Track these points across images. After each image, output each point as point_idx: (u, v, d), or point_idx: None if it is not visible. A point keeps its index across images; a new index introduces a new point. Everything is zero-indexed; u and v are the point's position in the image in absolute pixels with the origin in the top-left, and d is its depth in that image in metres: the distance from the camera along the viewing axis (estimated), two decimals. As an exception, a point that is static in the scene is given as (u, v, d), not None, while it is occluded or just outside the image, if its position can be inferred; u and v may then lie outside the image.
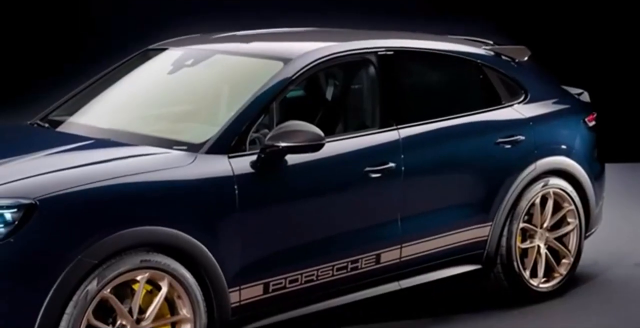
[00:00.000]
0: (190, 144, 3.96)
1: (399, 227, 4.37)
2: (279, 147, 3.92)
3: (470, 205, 4.63)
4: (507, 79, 4.93)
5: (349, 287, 4.26)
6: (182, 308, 3.76)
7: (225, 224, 3.84)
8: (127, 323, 3.63)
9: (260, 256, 3.96)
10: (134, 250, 3.61)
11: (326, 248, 4.15)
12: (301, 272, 4.07)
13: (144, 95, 4.59)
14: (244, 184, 3.89)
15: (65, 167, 3.72)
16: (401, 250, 4.39)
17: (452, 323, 4.64)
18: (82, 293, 3.48)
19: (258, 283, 3.95)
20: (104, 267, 3.54)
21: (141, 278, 3.65)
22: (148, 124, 4.32)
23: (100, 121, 4.36)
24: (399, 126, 4.41)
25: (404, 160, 4.35)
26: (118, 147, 4.00)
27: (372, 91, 4.46)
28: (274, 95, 4.11)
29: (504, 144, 4.74)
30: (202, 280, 3.79)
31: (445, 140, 4.56)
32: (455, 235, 4.58)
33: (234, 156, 3.93)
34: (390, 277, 4.39)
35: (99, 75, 4.74)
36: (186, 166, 3.83)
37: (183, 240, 3.71)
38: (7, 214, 3.43)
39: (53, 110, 4.62)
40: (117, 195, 3.63)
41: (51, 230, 3.46)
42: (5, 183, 3.59)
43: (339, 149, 4.20)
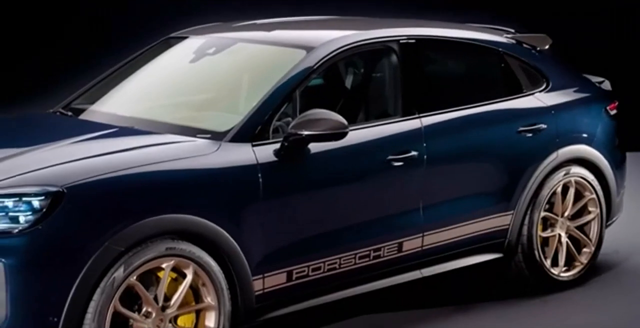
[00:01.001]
0: (214, 132, 3.99)
1: (421, 216, 4.40)
2: (302, 135, 3.95)
3: (492, 193, 4.65)
4: (529, 67, 4.94)
5: (371, 275, 4.30)
6: (206, 295, 3.80)
7: (249, 212, 3.88)
8: (153, 310, 3.67)
9: (284, 244, 4.00)
10: (160, 238, 3.65)
11: (349, 236, 4.19)
12: (324, 260, 4.11)
13: (166, 84, 4.62)
14: (267, 172, 3.92)
15: (92, 155, 3.76)
16: (423, 239, 4.43)
17: (473, 312, 4.67)
18: (109, 280, 3.53)
19: (281, 271, 3.99)
20: (130, 254, 3.58)
21: (166, 265, 3.69)
22: (171, 112, 4.35)
23: (123, 109, 4.39)
24: (421, 114, 4.44)
25: (426, 148, 4.38)
26: (142, 135, 4.04)
27: (394, 79, 4.47)
28: (296, 84, 4.13)
29: (525, 132, 4.76)
30: (227, 268, 3.84)
31: (467, 128, 4.58)
32: (477, 224, 4.61)
33: (258, 144, 3.96)
34: (412, 265, 4.43)
35: (121, 64, 4.77)
36: (210, 154, 3.86)
37: (208, 228, 3.75)
38: (35, 202, 3.47)
39: (75, 98, 4.65)
40: (143, 183, 3.67)
41: (78, 218, 3.50)
42: (33, 171, 3.63)
43: (362, 137, 4.23)
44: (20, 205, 3.46)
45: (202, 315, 3.82)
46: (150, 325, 3.65)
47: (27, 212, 3.45)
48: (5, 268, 3.35)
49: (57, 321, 3.41)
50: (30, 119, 4.62)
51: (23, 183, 3.55)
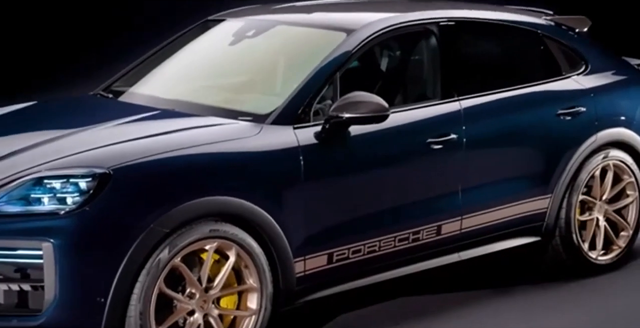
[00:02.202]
0: (256, 115, 4.03)
1: (459, 199, 4.43)
2: (342, 118, 3.98)
3: (530, 177, 4.67)
4: (568, 49, 4.95)
5: (410, 258, 4.34)
6: (248, 277, 3.86)
7: (291, 195, 3.92)
8: (196, 291, 3.73)
9: (325, 226, 4.04)
10: (203, 220, 3.70)
11: (389, 219, 4.22)
12: (364, 243, 4.15)
13: (206, 66, 4.66)
14: (309, 155, 3.96)
15: (136, 137, 3.82)
16: (462, 222, 4.45)
17: (510, 295, 4.70)
18: (154, 261, 3.58)
19: (322, 253, 4.04)
20: (174, 236, 3.63)
21: (210, 247, 3.74)
22: (211, 95, 4.39)
23: (163, 91, 4.44)
24: (460, 97, 4.46)
25: (465, 131, 4.40)
26: (184, 118, 4.09)
27: (432, 62, 4.49)
28: (337, 66, 4.16)
29: (564, 115, 4.77)
30: (268, 250, 3.88)
31: (506, 111, 4.60)
32: (515, 207, 4.63)
33: (299, 127, 4.00)
34: (450, 248, 4.46)
35: (159, 47, 4.81)
36: (253, 137, 3.91)
37: (250, 210, 3.80)
38: (82, 183, 3.53)
39: (115, 80, 4.70)
40: (187, 166, 3.72)
41: (124, 200, 3.56)
42: (79, 152, 3.69)
43: (401, 120, 4.25)
44: (68, 187, 3.53)
45: (244, 297, 3.87)
46: (194, 306, 3.71)
47: (74, 193, 3.52)
48: (54, 248, 3.41)
49: (104, 301, 3.48)
50: (73, 102, 4.69)
51: (70, 164, 3.61)
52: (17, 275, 3.47)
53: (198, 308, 3.72)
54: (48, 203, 3.51)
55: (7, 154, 3.77)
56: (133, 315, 3.53)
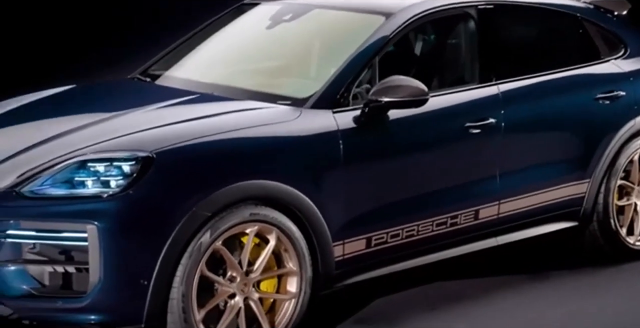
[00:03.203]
0: (295, 99, 4.07)
1: (497, 183, 4.45)
2: (382, 102, 4.01)
3: (568, 161, 4.69)
4: (607, 32, 4.95)
5: (448, 242, 4.37)
6: (288, 261, 3.90)
7: (330, 179, 3.96)
8: (237, 274, 3.78)
9: (363, 211, 4.08)
10: (244, 204, 3.75)
11: (427, 203, 4.26)
12: (402, 227, 4.19)
13: (242, 50, 4.71)
14: (348, 139, 3.99)
15: (177, 120, 3.87)
16: (499, 206, 4.48)
17: (547, 280, 4.73)
18: (196, 244, 3.63)
19: (361, 237, 4.08)
20: (216, 219, 3.68)
21: (250, 231, 3.79)
22: (249, 79, 4.44)
23: (201, 75, 4.48)
24: (498, 81, 4.48)
25: (503, 115, 4.42)
26: (223, 102, 4.14)
27: (471, 46, 4.50)
28: (376, 50, 4.18)
29: (603, 99, 4.77)
30: (308, 234, 3.93)
31: (545, 95, 4.61)
32: (553, 192, 4.65)
33: (338, 111, 4.03)
34: (487, 233, 4.49)
35: (195, 30, 4.85)
36: (292, 121, 3.95)
37: (290, 194, 3.84)
38: (126, 166, 3.59)
39: (152, 64, 4.75)
40: (228, 149, 3.76)
41: (167, 183, 3.60)
42: (122, 136, 3.75)
43: (440, 104, 4.27)
44: (111, 170, 3.58)
45: (284, 280, 3.93)
46: (235, 289, 3.77)
47: (118, 176, 3.58)
48: (98, 231, 3.47)
49: (147, 284, 3.53)
50: (112, 85, 4.75)
51: (113, 148, 3.67)
52: (61, 257, 3.55)
53: (239, 292, 3.77)
54: (92, 187, 3.57)
55: (50, 137, 3.84)
56: (175, 298, 3.59)
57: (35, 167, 3.66)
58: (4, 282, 3.53)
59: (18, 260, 3.54)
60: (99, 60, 8.07)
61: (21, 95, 4.45)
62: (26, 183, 3.60)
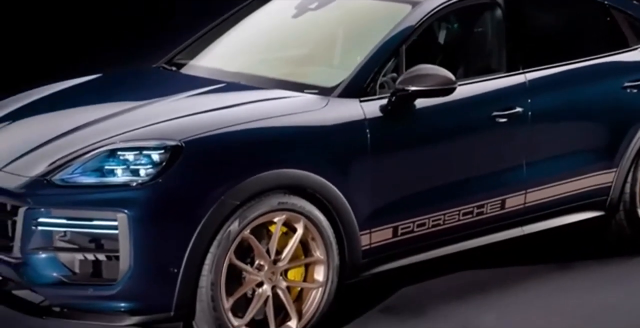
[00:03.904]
0: (322, 88, 4.11)
1: (524, 173, 4.48)
2: (409, 90, 4.05)
3: (595, 150, 4.71)
4: (634, 20, 4.95)
5: (474, 231, 4.41)
6: (315, 250, 3.95)
7: (358, 168, 4.00)
8: (265, 263, 3.84)
9: (390, 200, 4.12)
10: (272, 193, 3.79)
11: (453, 192, 4.30)
12: (429, 216, 4.23)
13: (268, 39, 4.75)
14: (375, 128, 4.03)
15: (205, 109, 3.92)
16: (526, 196, 4.51)
17: (573, 270, 4.76)
18: (225, 233, 3.68)
19: (388, 226, 4.12)
20: (244, 208, 3.72)
21: (278, 219, 3.84)
22: (275, 68, 4.47)
23: (226, 64, 4.52)
24: (525, 70, 4.50)
25: (530, 104, 4.44)
26: (251, 91, 4.18)
27: (498, 34, 4.52)
28: (403, 39, 4.21)
29: (630, 88, 4.78)
30: (335, 223, 3.97)
31: (572, 84, 4.64)
32: (580, 181, 4.68)
33: (365, 100, 4.07)
34: (514, 222, 4.52)
35: (221, 19, 4.88)
36: (320, 109, 3.99)
37: (318, 183, 3.88)
38: (155, 155, 3.64)
39: (177, 53, 4.79)
40: (256, 138, 3.81)
41: (196, 172, 3.66)
42: (151, 125, 3.80)
43: (467, 92, 4.30)
44: (141, 159, 3.64)
45: (311, 269, 3.98)
46: (263, 277, 3.82)
47: (147, 165, 3.63)
48: (128, 219, 3.52)
49: (177, 272, 3.59)
50: (138, 74, 4.78)
51: (143, 137, 3.72)
52: (92, 245, 3.61)
53: (266, 280, 3.83)
54: (121, 175, 3.63)
55: (80, 125, 3.90)
56: (204, 286, 3.64)
57: (65, 156, 3.72)
58: (35, 270, 3.59)
59: (49, 247, 3.61)
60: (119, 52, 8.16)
61: (48, 84, 4.50)
62: (57, 171, 3.67)
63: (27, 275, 3.61)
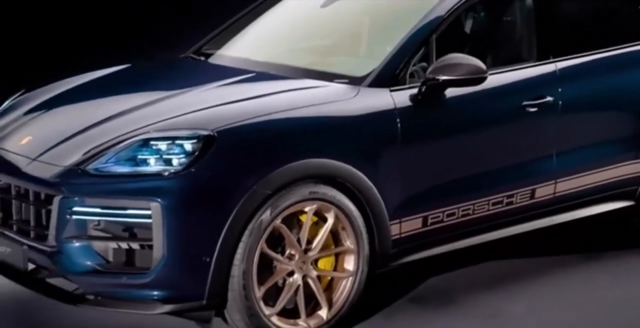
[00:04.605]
0: (352, 77, 4.16)
1: (554, 162, 4.52)
2: (439, 80, 4.09)
3: (626, 140, 4.73)
4: (666, 9, 5.00)
5: (503, 221, 4.45)
6: (346, 239, 4.01)
7: (388, 157, 4.05)
8: (296, 252, 3.90)
9: (420, 189, 4.17)
10: (303, 182, 3.85)
11: (483, 182, 4.34)
12: (458, 206, 4.28)
13: (296, 28, 4.81)
14: (405, 117, 4.08)
15: (237, 99, 3.98)
16: (555, 186, 4.55)
17: (602, 260, 4.80)
18: (257, 222, 3.75)
19: (417, 216, 4.17)
20: (276, 197, 3.78)
21: (309, 209, 3.90)
22: (303, 57, 4.54)
23: (255, 54, 4.58)
24: (556, 59, 4.53)
25: (561, 93, 4.48)
26: (280, 80, 4.24)
27: (528, 23, 4.55)
28: (433, 29, 4.25)
29: (663, 77, 4.85)
30: (365, 213, 4.02)
31: (603, 73, 4.66)
32: (610, 171, 4.71)
33: (395, 89, 4.11)
34: (543, 212, 4.56)
35: (248, 9, 4.95)
36: (351, 99, 4.04)
37: (349, 172, 3.94)
38: (188, 145, 3.70)
39: (205, 43, 4.86)
40: (287, 128, 3.87)
41: (228, 161, 3.72)
42: (183, 114, 3.87)
43: (497, 82, 4.33)
44: (174, 148, 3.70)
45: (341, 259, 4.04)
46: (294, 267, 3.89)
47: (180, 155, 3.69)
48: (162, 208, 3.59)
49: (209, 261, 3.66)
50: (168, 65, 4.85)
51: (175, 126, 3.79)
52: (125, 234, 3.68)
53: (297, 269, 3.89)
54: (154, 164, 3.69)
55: (113, 115, 3.97)
56: (236, 275, 3.71)
57: (99, 145, 3.79)
58: (69, 258, 3.67)
59: (83, 236, 3.68)
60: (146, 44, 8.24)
61: (78, 75, 4.57)
62: (91, 161, 3.74)
63: (61, 264, 3.69)
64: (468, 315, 4.23)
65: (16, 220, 3.86)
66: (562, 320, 4.18)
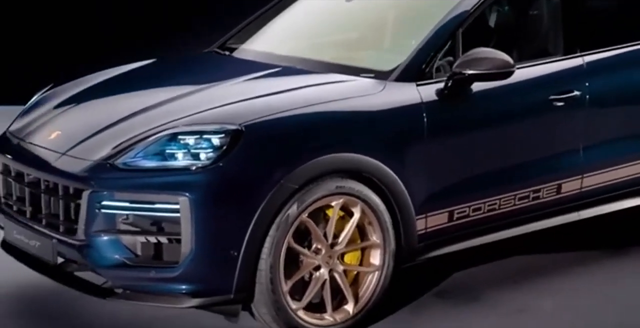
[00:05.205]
0: (378, 72, 4.21)
1: (581, 157, 4.55)
2: (466, 74, 4.13)
3: (654, 134, 4.80)
4: (695, 2, 5.01)
5: (529, 216, 4.49)
6: (372, 234, 4.06)
7: (414, 152, 4.10)
8: (322, 247, 3.95)
9: (446, 184, 4.22)
10: (330, 176, 3.90)
11: (509, 177, 4.38)
12: (484, 201, 4.32)
13: (321, 22, 4.86)
14: (432, 112, 4.12)
15: (263, 93, 4.03)
16: (582, 180, 4.58)
17: (628, 255, 4.83)
18: (284, 216, 3.80)
19: (443, 211, 4.22)
20: (303, 191, 3.84)
21: (336, 203, 3.95)
22: (328, 51, 4.60)
23: (280, 48, 4.64)
24: (583, 52, 4.56)
25: (588, 88, 4.51)
26: (306, 75, 4.29)
27: (554, 16, 4.58)
28: (460, 22, 4.29)
29: (690, 71, 4.86)
30: (391, 207, 4.07)
31: (630, 66, 4.69)
32: (637, 166, 4.73)
33: (422, 84, 4.16)
34: (570, 207, 4.60)
35: (272, 3, 5.00)
36: (377, 94, 4.09)
37: (375, 167, 3.99)
38: (215, 139, 3.76)
39: (230, 37, 4.92)
40: (314, 122, 3.92)
41: (255, 156, 3.77)
42: (210, 109, 3.93)
43: (523, 76, 4.37)
44: (201, 143, 3.76)
45: (367, 253, 4.09)
46: (320, 261, 3.94)
47: (207, 149, 3.75)
48: (190, 203, 3.65)
49: (237, 255, 3.72)
50: (193, 59, 4.91)
51: (202, 121, 3.84)
52: (153, 228, 3.75)
53: (324, 264, 3.95)
54: (182, 159, 3.75)
55: (140, 110, 4.03)
56: (264, 269, 3.77)
57: (127, 140, 3.85)
58: (98, 252, 3.74)
59: (112, 230, 3.75)
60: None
61: (105, 70, 4.64)
62: (119, 155, 3.80)
63: (90, 257, 3.77)
64: (493, 310, 4.27)
65: (45, 214, 3.94)
66: (589, 317, 4.22)
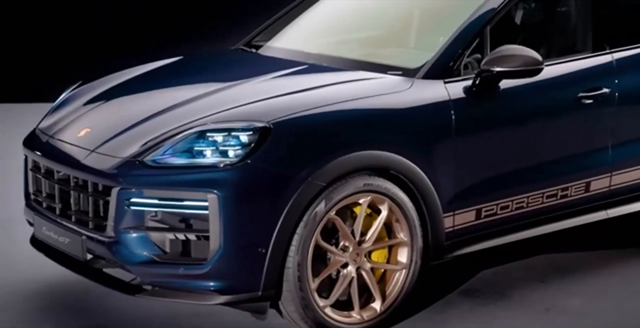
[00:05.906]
0: (406, 69, 4.25)
1: (609, 155, 4.58)
2: (494, 71, 4.16)
3: (684, 132, 4.81)
4: None
5: (557, 214, 4.53)
6: (399, 232, 4.11)
7: (442, 150, 4.15)
8: (350, 244, 4.01)
9: (474, 182, 4.26)
10: (358, 174, 3.95)
11: (537, 175, 4.42)
12: (512, 199, 4.36)
13: (347, 20, 4.91)
14: (460, 109, 4.16)
15: (291, 91, 4.09)
16: (611, 179, 4.61)
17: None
18: (312, 214, 3.86)
19: (471, 209, 4.26)
20: (330, 189, 3.89)
21: (363, 201, 4.00)
22: (355, 49, 4.66)
23: (305, 45, 4.70)
24: (612, 49, 4.59)
25: (617, 85, 4.54)
26: (333, 72, 4.35)
27: (583, 13, 4.62)
28: (487, 20, 4.32)
29: None
30: (419, 205, 4.12)
31: (660, 64, 4.73)
32: (666, 164, 4.80)
33: (450, 81, 4.20)
34: (598, 205, 4.63)
35: (298, 1, 5.06)
36: (405, 91, 4.13)
37: (403, 164, 4.03)
38: (244, 137, 3.82)
39: (256, 35, 4.99)
40: (342, 120, 3.97)
41: (283, 153, 3.83)
42: (238, 106, 3.99)
43: (552, 73, 4.40)
44: (230, 140, 3.82)
45: (395, 251, 4.14)
46: (348, 259, 3.99)
47: (236, 146, 3.81)
48: (219, 200, 3.71)
49: (265, 252, 3.78)
50: (219, 57, 4.99)
51: (231, 118, 3.90)
52: (182, 225, 3.81)
53: (351, 261, 4.00)
54: (211, 156, 3.81)
55: (169, 107, 4.10)
56: (291, 266, 3.83)
57: (156, 137, 3.92)
58: (127, 249, 3.81)
59: (141, 227, 3.81)
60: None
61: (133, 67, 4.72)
62: (148, 152, 3.87)
63: (119, 254, 3.84)
64: (521, 309, 4.31)
65: (75, 210, 4.01)
66: (617, 317, 4.24)
